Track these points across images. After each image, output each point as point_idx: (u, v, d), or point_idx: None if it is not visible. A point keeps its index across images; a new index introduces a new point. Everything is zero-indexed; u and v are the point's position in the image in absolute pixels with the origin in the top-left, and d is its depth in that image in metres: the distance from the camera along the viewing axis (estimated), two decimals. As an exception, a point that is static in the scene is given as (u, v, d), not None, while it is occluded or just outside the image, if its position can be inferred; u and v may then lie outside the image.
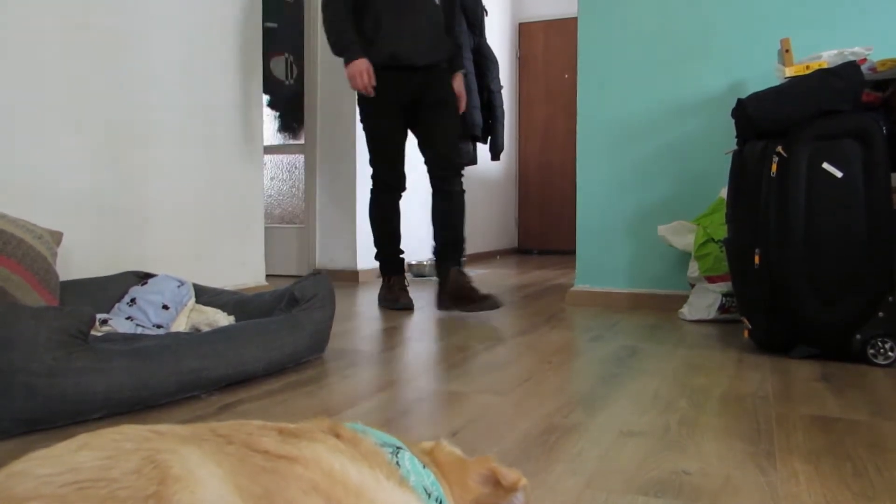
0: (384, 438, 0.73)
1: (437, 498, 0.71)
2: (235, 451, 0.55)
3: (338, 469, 0.58)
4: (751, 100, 2.34)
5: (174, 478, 0.48)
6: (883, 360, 2.11)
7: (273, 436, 0.60)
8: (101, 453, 0.50)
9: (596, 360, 2.13)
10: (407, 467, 0.70)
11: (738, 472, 1.24)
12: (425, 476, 0.71)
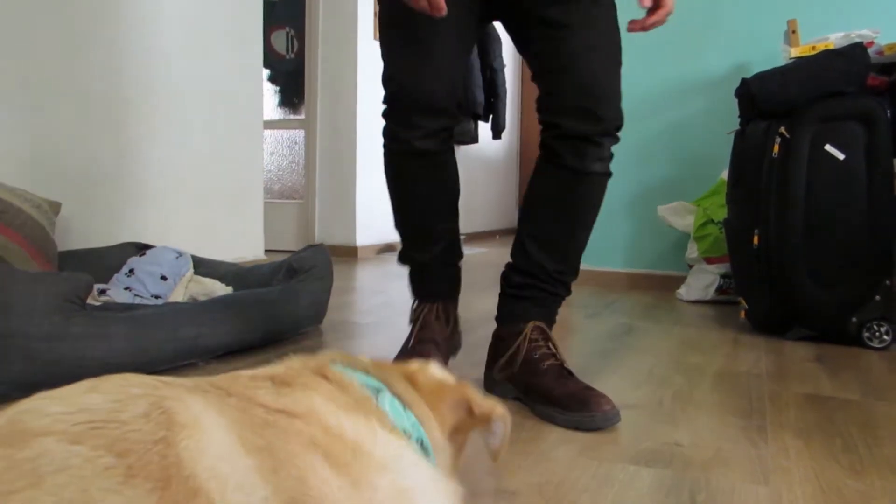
0: (365, 380, 0.72)
1: (417, 438, 0.70)
2: (236, 403, 0.56)
3: (334, 424, 0.59)
4: (755, 80, 2.33)
5: (180, 424, 0.49)
6: (878, 343, 2.12)
7: (267, 387, 0.61)
8: (110, 396, 0.51)
9: (592, 337, 2.14)
10: (387, 410, 0.68)
11: (729, 445, 1.25)
12: (405, 418, 0.70)
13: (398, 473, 0.60)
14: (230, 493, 0.48)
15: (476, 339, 2.06)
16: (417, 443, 0.69)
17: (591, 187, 1.46)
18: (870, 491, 1.07)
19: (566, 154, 1.42)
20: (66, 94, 2.52)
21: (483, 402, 0.79)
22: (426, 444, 0.71)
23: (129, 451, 0.46)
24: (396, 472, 0.60)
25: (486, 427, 0.82)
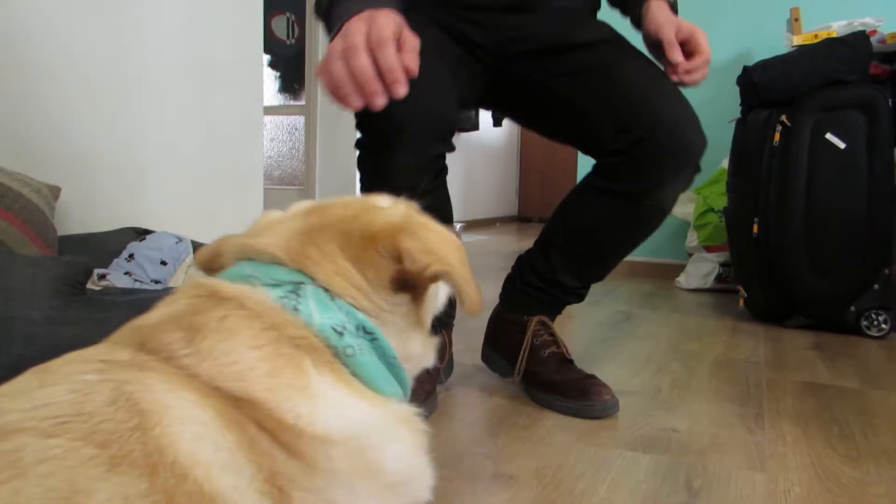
0: (278, 276, 0.62)
1: (356, 326, 0.62)
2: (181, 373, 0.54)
3: (262, 398, 0.54)
4: (757, 68, 2.32)
5: (148, 411, 0.48)
6: (876, 331, 2.13)
7: (181, 342, 0.56)
8: (66, 387, 0.49)
9: (591, 324, 2.14)
10: (310, 309, 0.60)
11: (726, 432, 1.26)
12: (335, 311, 0.61)
13: (345, 443, 0.56)
14: (217, 477, 0.48)
15: (475, 326, 2.07)
16: (359, 330, 0.62)
17: (647, 222, 1.35)
18: (866, 478, 1.08)
19: (630, 181, 1.27)
20: (65, 79, 2.52)
21: (420, 257, 0.63)
22: (369, 327, 0.63)
23: (109, 442, 0.45)
24: (343, 443, 0.56)
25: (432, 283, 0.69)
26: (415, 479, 0.63)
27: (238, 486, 0.49)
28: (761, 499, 1.00)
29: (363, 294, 0.63)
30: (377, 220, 0.66)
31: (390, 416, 0.62)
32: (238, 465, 0.50)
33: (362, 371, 0.61)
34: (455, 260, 0.65)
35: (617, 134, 1.25)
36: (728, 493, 1.01)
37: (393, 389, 0.65)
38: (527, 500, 0.97)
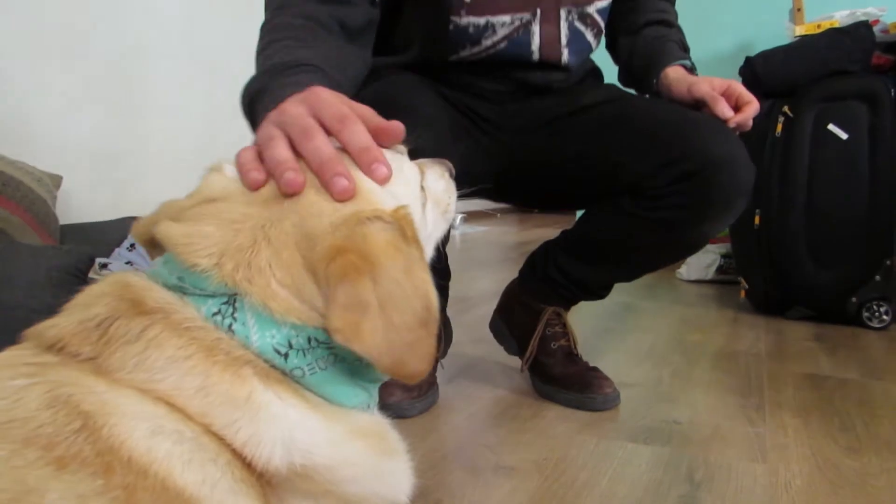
0: (207, 286, 0.53)
1: (307, 339, 0.54)
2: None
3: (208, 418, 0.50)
4: (759, 59, 2.31)
5: (90, 413, 0.46)
6: (877, 323, 2.12)
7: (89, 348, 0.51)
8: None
9: (592, 315, 2.14)
10: (248, 329, 0.52)
11: (728, 423, 1.26)
12: (277, 327, 0.53)
13: (295, 470, 0.51)
14: (181, 471, 0.46)
15: (476, 316, 2.07)
16: (311, 342, 0.54)
17: (690, 249, 1.31)
18: (867, 469, 1.08)
19: (676, 211, 1.20)
20: (67, 68, 2.51)
21: (332, 318, 0.52)
22: (322, 337, 0.54)
23: (53, 444, 0.44)
24: (293, 470, 0.51)
25: None
26: (378, 494, 0.58)
27: (208, 478, 0.47)
28: (762, 490, 1.00)
29: (313, 303, 0.54)
30: (355, 236, 0.53)
31: (347, 432, 0.56)
32: (207, 455, 0.48)
33: (318, 389, 0.55)
34: (401, 323, 0.52)
35: (657, 170, 1.19)
36: (729, 484, 1.02)
37: (358, 399, 0.59)
38: (528, 492, 0.98)
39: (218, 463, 0.48)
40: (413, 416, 1.26)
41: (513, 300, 1.50)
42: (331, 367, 0.56)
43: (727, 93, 1.23)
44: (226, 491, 0.48)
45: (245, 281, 0.53)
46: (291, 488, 0.52)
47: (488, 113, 1.31)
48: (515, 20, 1.22)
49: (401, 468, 0.62)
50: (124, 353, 0.49)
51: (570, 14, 1.25)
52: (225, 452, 0.49)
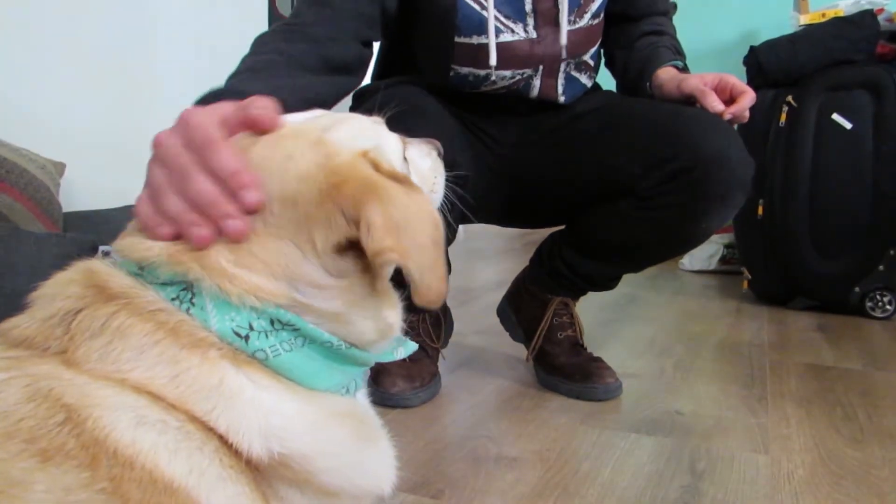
0: (163, 276, 0.52)
1: (270, 321, 0.52)
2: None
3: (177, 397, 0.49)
4: (763, 48, 2.30)
5: (74, 406, 0.45)
6: (880, 312, 2.12)
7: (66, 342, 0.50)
8: None
9: (594, 306, 2.14)
10: (206, 313, 0.51)
11: (730, 414, 1.26)
12: (237, 309, 0.51)
13: (271, 458, 0.50)
14: (168, 461, 0.45)
15: (479, 307, 2.07)
16: (275, 324, 0.52)
17: (691, 243, 1.31)
18: (870, 460, 1.08)
19: (674, 208, 1.20)
20: (70, 54, 2.50)
21: (379, 237, 0.50)
22: (286, 319, 0.53)
23: (36, 438, 0.43)
24: (269, 457, 0.50)
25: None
26: (358, 485, 0.57)
27: (195, 467, 0.46)
28: (765, 481, 1.00)
29: (278, 279, 0.53)
30: (344, 166, 0.53)
31: (324, 416, 0.54)
32: (193, 444, 0.47)
33: (285, 372, 0.53)
34: (421, 244, 0.52)
35: (650, 170, 1.18)
36: (731, 475, 1.02)
37: (333, 381, 0.57)
38: (530, 483, 0.98)
39: (205, 451, 0.48)
40: (415, 407, 1.26)
41: (521, 289, 1.50)
42: (298, 349, 0.54)
43: (720, 86, 1.20)
44: (214, 479, 0.47)
45: (198, 265, 0.52)
46: (277, 476, 0.52)
47: (491, 129, 1.33)
48: (517, 75, 1.26)
49: (381, 456, 0.60)
50: (88, 347, 0.49)
51: (568, 66, 1.29)
52: (212, 440, 0.48)
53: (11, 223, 1.84)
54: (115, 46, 2.71)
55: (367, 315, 0.57)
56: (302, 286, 0.53)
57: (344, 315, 0.56)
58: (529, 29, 1.24)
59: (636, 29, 1.38)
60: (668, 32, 1.38)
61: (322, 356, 0.56)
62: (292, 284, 0.53)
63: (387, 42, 1.37)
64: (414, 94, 1.22)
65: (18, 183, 1.96)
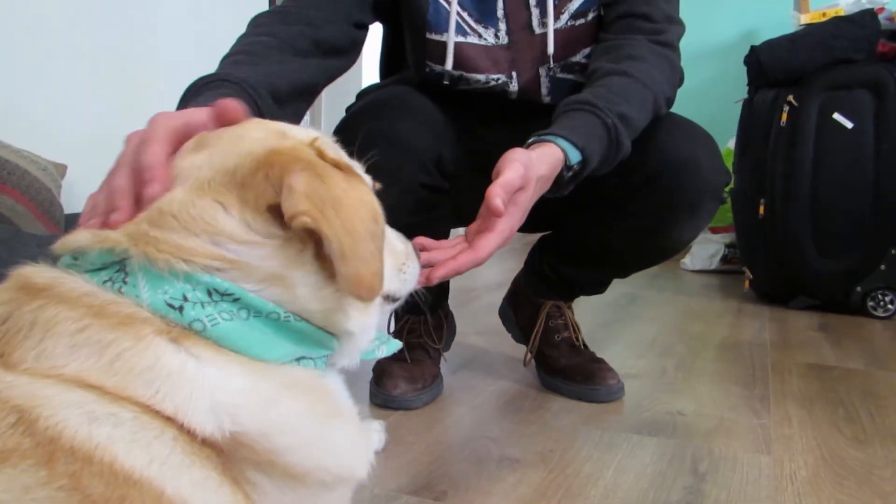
0: (101, 259, 0.51)
1: (206, 291, 0.51)
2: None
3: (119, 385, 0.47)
4: (764, 47, 2.30)
5: (21, 407, 0.44)
6: (882, 312, 2.12)
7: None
8: None
9: (595, 306, 2.14)
10: (138, 288, 0.50)
11: (732, 414, 1.26)
12: (170, 281, 0.50)
13: (224, 437, 0.48)
14: (126, 453, 0.44)
15: (480, 308, 2.07)
16: (213, 294, 0.51)
17: (667, 252, 1.27)
18: (872, 460, 1.08)
19: (643, 219, 1.18)
20: (72, 56, 2.50)
21: (296, 201, 0.50)
22: (222, 288, 0.51)
23: None
24: (223, 437, 0.48)
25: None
26: (325, 468, 0.54)
27: (155, 457, 0.45)
28: (767, 481, 1.00)
29: (199, 235, 0.51)
30: (286, 147, 0.54)
31: (275, 389, 0.52)
32: (151, 433, 0.46)
33: (228, 342, 0.51)
34: (352, 228, 0.51)
35: (621, 178, 1.13)
36: (734, 476, 1.02)
37: (283, 349, 0.54)
38: (533, 484, 0.98)
39: (163, 439, 0.46)
40: (417, 408, 1.26)
41: (518, 291, 1.50)
42: (239, 319, 0.52)
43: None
44: (177, 466, 0.46)
45: (129, 240, 0.51)
46: (241, 457, 0.49)
47: (480, 129, 1.28)
48: (490, 80, 1.22)
49: (349, 436, 0.57)
50: (23, 348, 0.48)
51: (550, 71, 1.21)
52: (171, 427, 0.47)
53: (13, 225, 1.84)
54: (117, 48, 2.71)
55: (308, 282, 0.54)
56: (224, 241, 0.52)
57: (285, 277, 0.53)
58: (501, 34, 1.20)
59: (607, 53, 1.15)
60: (636, 76, 1.07)
61: (272, 329, 0.53)
62: (214, 240, 0.51)
63: (389, 39, 1.35)
64: (404, 93, 1.20)
65: (20, 184, 1.97)
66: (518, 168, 0.84)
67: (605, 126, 0.98)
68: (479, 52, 1.20)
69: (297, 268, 0.54)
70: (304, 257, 0.54)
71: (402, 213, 0.83)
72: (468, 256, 0.82)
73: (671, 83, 1.13)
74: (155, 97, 2.87)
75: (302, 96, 1.00)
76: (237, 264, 0.51)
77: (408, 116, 1.13)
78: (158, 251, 0.50)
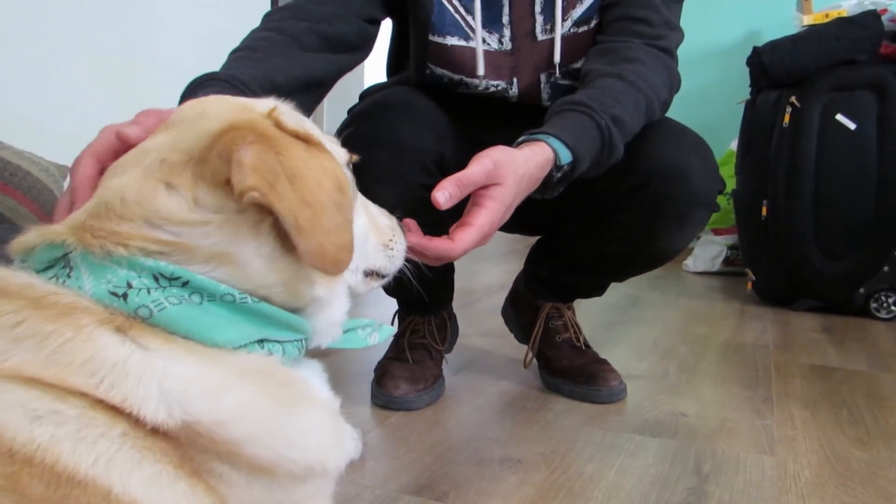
0: (48, 256, 0.50)
1: (152, 276, 0.49)
2: None
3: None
4: (767, 49, 2.30)
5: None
6: (885, 313, 2.12)
7: None
8: None
9: (597, 308, 2.13)
10: (81, 279, 0.49)
11: (735, 416, 1.26)
12: (112, 270, 0.48)
13: (178, 428, 0.47)
14: (70, 452, 0.43)
15: (482, 309, 2.07)
16: (159, 280, 0.49)
17: (658, 261, 1.25)
18: (876, 461, 1.07)
19: (632, 228, 1.17)
20: (73, 57, 2.51)
21: (245, 175, 0.48)
22: (168, 272, 0.49)
23: None
24: (177, 428, 0.46)
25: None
26: (290, 458, 0.51)
27: (101, 455, 0.44)
28: (771, 483, 1.00)
29: (134, 220, 0.50)
30: (241, 120, 0.52)
31: (229, 377, 0.49)
32: (97, 430, 0.44)
33: (176, 327, 0.49)
34: (314, 200, 0.49)
35: (610, 186, 1.12)
36: (737, 477, 1.01)
37: (237, 332, 0.51)
38: (535, 485, 0.97)
39: (111, 436, 0.45)
40: (419, 409, 1.26)
41: (518, 293, 1.50)
42: (190, 304, 0.49)
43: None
44: (125, 463, 0.44)
45: (68, 232, 0.50)
46: (200, 448, 0.47)
47: (481, 133, 1.25)
48: (490, 86, 1.21)
49: (319, 425, 0.54)
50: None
51: (551, 77, 1.20)
52: (119, 422, 0.45)
53: (15, 226, 1.84)
54: (118, 50, 2.71)
55: (263, 254, 0.52)
56: (160, 222, 0.50)
57: (233, 255, 0.51)
58: (505, 40, 1.19)
59: (603, 55, 1.13)
60: (628, 79, 1.05)
61: (228, 312, 0.51)
62: (150, 223, 0.50)
63: (398, 38, 1.34)
64: (405, 94, 1.20)
65: (22, 186, 1.97)
66: (485, 163, 0.83)
67: (598, 127, 0.97)
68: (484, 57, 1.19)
69: (249, 241, 0.51)
70: (259, 229, 0.51)
71: (402, 214, 0.81)
72: (442, 243, 0.80)
73: (667, 87, 1.12)
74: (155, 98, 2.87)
75: (306, 90, 0.99)
76: (178, 246, 0.50)
77: (409, 118, 1.13)
78: (94, 238, 0.49)
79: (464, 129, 1.26)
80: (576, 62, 1.19)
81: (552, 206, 1.13)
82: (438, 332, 1.38)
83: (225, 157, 0.49)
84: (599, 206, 1.19)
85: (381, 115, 1.13)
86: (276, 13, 1.05)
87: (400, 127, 1.11)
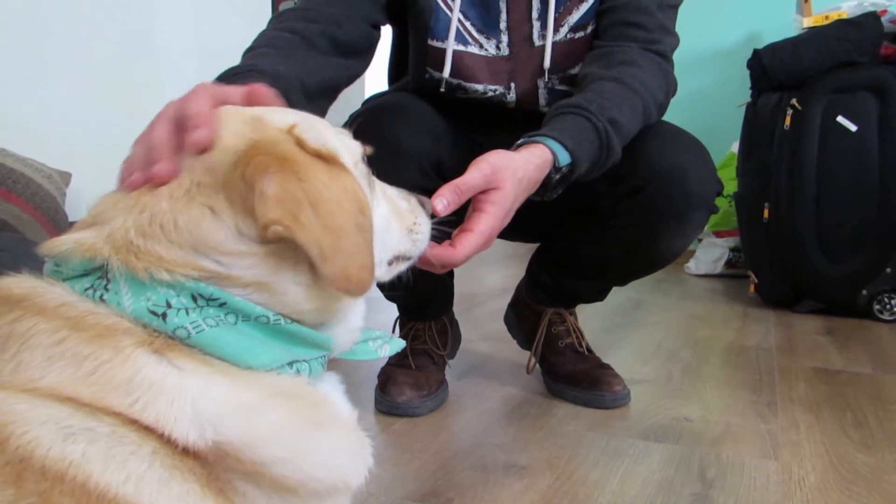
0: (83, 265, 0.50)
1: (191, 296, 0.49)
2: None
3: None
4: (767, 51, 2.30)
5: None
6: (888, 315, 2.11)
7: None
8: None
9: (600, 312, 2.13)
10: (120, 295, 0.48)
11: (739, 420, 1.26)
12: (152, 288, 0.48)
13: (207, 449, 0.47)
14: (102, 471, 0.43)
15: (484, 313, 2.07)
16: (198, 300, 0.49)
17: (658, 263, 1.26)
18: (881, 465, 1.07)
19: (633, 228, 1.17)
20: (75, 64, 2.51)
21: (269, 208, 0.48)
22: (207, 293, 0.49)
23: None
24: (206, 449, 0.47)
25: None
26: (316, 478, 0.51)
27: (132, 474, 0.44)
28: (776, 487, 1.00)
29: (184, 248, 0.50)
30: (264, 140, 0.52)
31: (261, 399, 0.50)
32: (127, 448, 0.45)
33: (212, 349, 0.49)
34: (337, 225, 0.50)
35: (609, 189, 1.14)
36: (742, 482, 1.01)
37: (270, 356, 0.52)
38: (540, 491, 0.97)
39: (141, 454, 0.45)
40: (423, 415, 1.26)
41: (520, 298, 1.50)
42: (225, 325, 0.50)
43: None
44: (155, 481, 0.45)
45: (110, 248, 0.49)
46: (227, 468, 0.48)
47: (480, 138, 1.26)
48: (488, 91, 1.21)
49: (343, 443, 0.55)
50: (8, 352, 0.47)
51: (549, 82, 1.21)
52: (150, 440, 0.45)
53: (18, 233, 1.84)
54: (119, 55, 2.72)
55: (301, 281, 0.53)
56: (209, 251, 0.50)
57: (272, 284, 0.52)
58: (503, 46, 1.20)
59: (599, 59, 1.13)
60: (626, 83, 1.06)
61: (262, 334, 0.52)
62: (200, 252, 0.50)
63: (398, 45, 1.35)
64: (404, 98, 1.21)
65: (25, 193, 1.97)
66: (483, 169, 0.84)
67: (596, 129, 0.97)
68: (479, 63, 1.20)
69: (288, 272, 0.52)
70: (297, 258, 0.52)
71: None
72: (444, 250, 0.80)
73: (664, 90, 1.13)
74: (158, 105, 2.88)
75: (326, 94, 1.00)
76: (220, 274, 0.50)
77: (407, 121, 1.14)
78: (138, 259, 0.49)
79: (462, 133, 1.26)
80: (573, 67, 1.20)
81: (552, 212, 1.14)
82: (440, 337, 1.38)
83: (249, 183, 0.49)
84: (599, 210, 1.20)
85: (379, 118, 1.14)
86: (287, 14, 1.05)
87: (398, 130, 1.12)
